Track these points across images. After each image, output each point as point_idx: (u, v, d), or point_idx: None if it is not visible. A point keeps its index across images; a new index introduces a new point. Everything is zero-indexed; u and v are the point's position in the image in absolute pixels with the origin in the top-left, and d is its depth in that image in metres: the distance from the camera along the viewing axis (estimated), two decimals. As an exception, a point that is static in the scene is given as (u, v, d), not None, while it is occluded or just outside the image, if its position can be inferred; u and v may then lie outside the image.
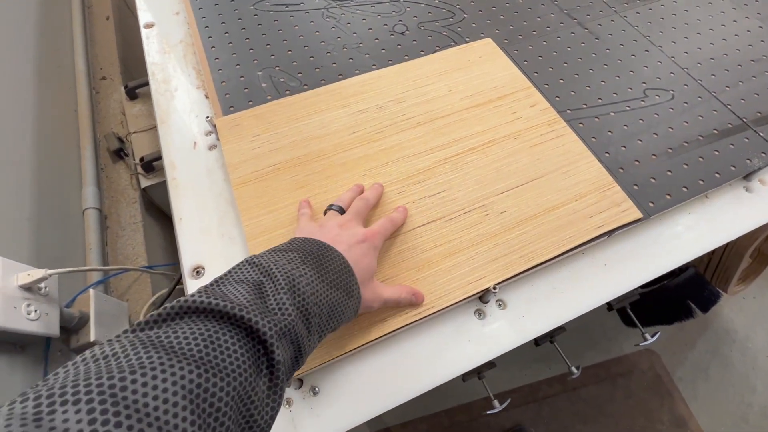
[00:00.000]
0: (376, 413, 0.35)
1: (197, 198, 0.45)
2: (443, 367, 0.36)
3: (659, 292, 0.80)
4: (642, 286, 0.80)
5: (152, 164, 1.05)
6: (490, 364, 0.48)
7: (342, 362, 0.36)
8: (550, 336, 0.52)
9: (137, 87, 1.17)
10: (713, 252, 0.93)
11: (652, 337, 0.55)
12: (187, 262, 0.41)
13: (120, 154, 1.11)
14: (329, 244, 0.32)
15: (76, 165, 1.01)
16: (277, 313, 0.25)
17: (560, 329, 0.50)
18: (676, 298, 0.86)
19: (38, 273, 0.63)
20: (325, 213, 0.40)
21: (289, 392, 0.35)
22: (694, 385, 1.13)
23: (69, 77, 1.14)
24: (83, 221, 0.94)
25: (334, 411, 0.34)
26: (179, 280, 0.86)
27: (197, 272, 0.41)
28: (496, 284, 0.37)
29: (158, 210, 1.15)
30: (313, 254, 0.30)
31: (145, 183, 1.04)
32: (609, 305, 0.57)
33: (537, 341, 0.51)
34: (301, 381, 0.36)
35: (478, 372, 0.49)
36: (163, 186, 1.06)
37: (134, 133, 1.12)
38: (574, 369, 0.57)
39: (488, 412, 0.53)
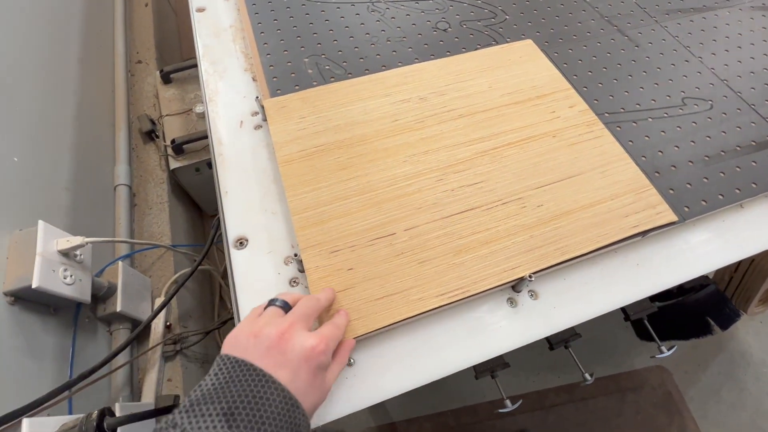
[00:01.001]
0: (409, 388, 0.36)
1: (242, 174, 0.47)
2: (475, 349, 0.37)
3: (678, 306, 0.79)
4: (660, 300, 0.80)
5: (182, 147, 1.08)
6: (504, 364, 0.49)
7: (378, 337, 0.37)
8: (565, 341, 0.52)
9: (172, 72, 1.21)
10: (735, 270, 0.92)
11: (669, 350, 0.55)
12: (231, 234, 0.43)
13: (151, 135, 1.14)
14: (268, 374, 0.27)
15: (110, 143, 1.05)
16: None
17: (576, 335, 0.51)
18: (695, 313, 0.85)
19: (76, 240, 0.66)
20: (266, 307, 0.33)
21: (326, 362, 0.36)
22: (705, 405, 1.11)
23: (108, 59, 1.18)
24: (114, 197, 0.98)
25: (368, 383, 0.36)
26: (201, 261, 0.88)
27: (240, 243, 0.42)
28: (532, 273, 0.38)
29: (184, 192, 1.18)
30: (244, 403, 0.25)
31: (174, 165, 1.07)
32: (626, 315, 0.57)
33: (552, 345, 0.51)
34: (336, 352, 0.37)
35: (492, 370, 0.50)
36: (190, 169, 1.09)
37: (166, 116, 1.16)
38: (587, 376, 0.57)
39: (500, 410, 0.54)
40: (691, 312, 0.86)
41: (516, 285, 0.40)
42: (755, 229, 0.45)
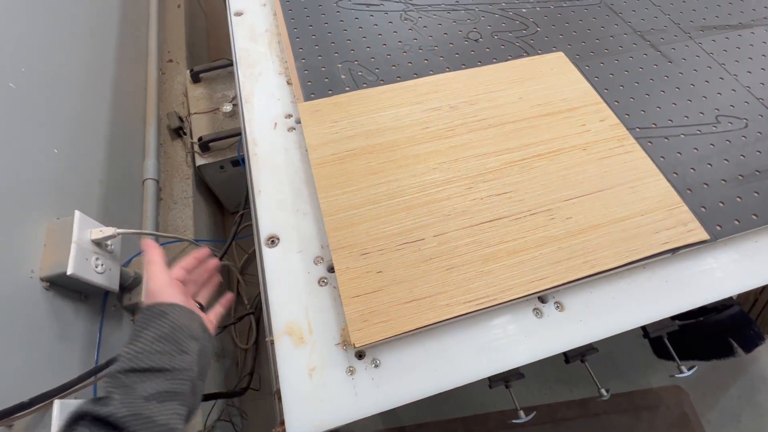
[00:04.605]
0: (433, 392, 0.36)
1: (275, 174, 0.48)
2: (500, 357, 0.38)
3: (700, 325, 0.78)
4: (681, 318, 0.78)
5: (208, 145, 1.11)
6: (519, 374, 0.49)
7: (404, 339, 0.38)
8: (582, 355, 0.52)
9: (201, 71, 1.24)
10: (761, 291, 0.90)
11: (689, 370, 0.54)
12: (264, 232, 0.44)
13: (179, 132, 1.17)
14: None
15: (140, 138, 1.08)
16: None
17: (593, 349, 0.50)
18: (718, 334, 0.83)
19: (109, 230, 0.69)
20: None
21: (352, 362, 0.37)
22: (722, 430, 1.08)
23: (142, 58, 1.22)
24: (142, 190, 1.01)
25: (393, 384, 0.36)
26: (223, 256, 0.90)
27: (272, 241, 0.44)
28: (558, 285, 0.38)
29: (207, 189, 1.21)
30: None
31: (200, 161, 1.10)
32: (645, 332, 0.56)
33: (568, 358, 0.51)
34: (363, 353, 0.38)
35: (506, 380, 0.50)
36: (215, 166, 1.12)
37: (194, 114, 1.19)
38: (603, 391, 0.56)
39: (514, 421, 0.54)
40: (713, 332, 0.84)
41: (542, 296, 0.40)
42: (789, 252, 0.44)
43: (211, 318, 0.42)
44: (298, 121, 0.51)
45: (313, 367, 0.37)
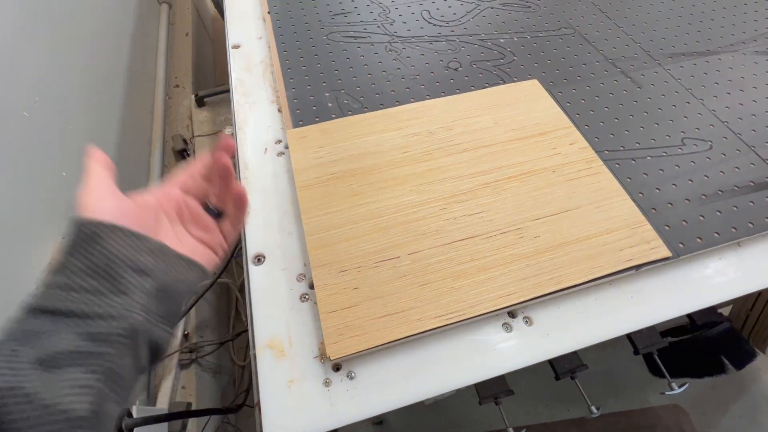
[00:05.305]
0: (406, 403, 0.38)
1: (263, 196, 0.52)
2: (470, 369, 0.40)
3: (690, 342, 0.78)
4: (673, 335, 0.78)
5: (210, 165, 1.15)
6: (508, 391, 0.50)
7: (378, 353, 0.40)
8: (572, 372, 0.53)
9: (206, 96, 1.31)
10: (752, 308, 0.90)
11: (680, 387, 0.55)
12: (251, 250, 0.47)
13: (183, 154, 1.23)
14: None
15: (145, 159, 1.13)
16: None
17: (582, 366, 0.51)
18: (708, 351, 0.84)
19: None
20: None
21: (329, 374, 0.39)
22: (725, 450, 1.06)
23: (150, 83, 1.29)
24: (146, 210, 1.05)
25: (367, 395, 0.38)
26: (221, 274, 0.93)
27: (258, 260, 0.47)
28: (526, 301, 0.40)
29: (209, 208, 1.25)
30: None
31: (201, 182, 1.15)
32: (636, 349, 0.57)
33: (558, 375, 0.52)
34: (339, 365, 0.40)
35: (495, 397, 0.51)
36: (216, 186, 1.17)
37: (198, 136, 1.24)
38: (594, 409, 0.57)
39: None
40: (703, 349, 0.84)
41: (511, 311, 0.42)
42: (753, 269, 0.46)
43: (225, 230, 0.32)
44: (287, 147, 0.55)
45: (292, 379, 0.39)
